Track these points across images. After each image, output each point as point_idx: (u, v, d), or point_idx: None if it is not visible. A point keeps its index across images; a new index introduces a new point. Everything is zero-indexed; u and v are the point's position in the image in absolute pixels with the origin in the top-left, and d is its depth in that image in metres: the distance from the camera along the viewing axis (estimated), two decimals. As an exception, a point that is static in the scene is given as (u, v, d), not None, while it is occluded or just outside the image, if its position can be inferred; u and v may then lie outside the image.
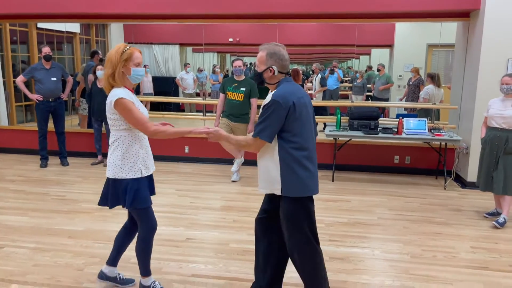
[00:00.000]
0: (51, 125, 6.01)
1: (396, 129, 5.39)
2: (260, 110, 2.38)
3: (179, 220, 4.07)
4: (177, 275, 3.02)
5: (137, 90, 7.43)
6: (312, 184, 2.41)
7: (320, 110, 8.12)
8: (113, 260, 2.81)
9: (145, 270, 2.71)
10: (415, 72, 8.13)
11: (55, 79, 5.83)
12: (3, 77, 7.27)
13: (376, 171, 5.98)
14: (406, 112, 7.01)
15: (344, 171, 5.96)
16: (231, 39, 11.27)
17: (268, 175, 2.39)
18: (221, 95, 5.41)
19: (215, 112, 5.62)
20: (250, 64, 11.67)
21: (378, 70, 9.21)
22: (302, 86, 7.04)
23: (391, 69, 10.05)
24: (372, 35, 9.81)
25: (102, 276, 2.84)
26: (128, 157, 2.51)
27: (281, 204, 2.40)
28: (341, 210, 4.45)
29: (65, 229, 3.79)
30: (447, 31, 6.43)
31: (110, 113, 2.49)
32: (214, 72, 11.06)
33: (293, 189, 2.34)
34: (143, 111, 2.54)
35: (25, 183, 5.21)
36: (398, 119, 5.48)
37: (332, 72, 10.64)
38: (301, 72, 7.52)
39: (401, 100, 9.10)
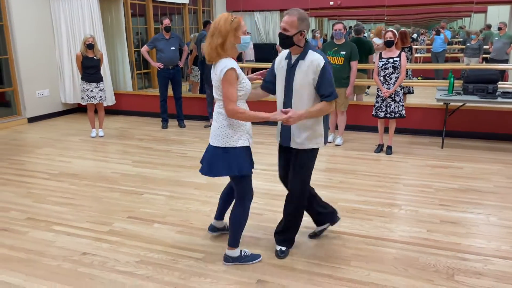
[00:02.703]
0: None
1: (518, 94, 4.99)
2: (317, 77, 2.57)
3: (288, 179, 4.35)
4: (292, 226, 3.31)
5: (239, 57, 7.79)
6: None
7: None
8: (219, 215, 3.08)
9: (234, 242, 2.73)
10: (543, 30, 7.24)
11: (173, 48, 6.40)
12: (127, 47, 8.13)
13: (493, 138, 5.62)
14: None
15: (455, 138, 5.71)
16: (331, 3, 11.05)
17: (313, 131, 2.69)
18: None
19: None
20: (350, 27, 11.35)
21: (499, 28, 8.31)
22: (410, 48, 6.75)
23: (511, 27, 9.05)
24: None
25: (213, 229, 3.15)
26: (236, 126, 2.53)
27: (303, 155, 2.72)
28: (452, 176, 4.34)
29: (191, 181, 4.31)
30: None
31: (219, 83, 2.46)
32: (313, 37, 11.00)
33: (320, 140, 2.74)
34: (247, 83, 2.54)
35: (152, 141, 5.93)
36: (521, 83, 5.05)
37: (438, 33, 9.87)
38: (408, 34, 7.19)
39: (523, 62, 8.23)
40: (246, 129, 2.59)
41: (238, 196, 2.68)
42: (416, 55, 11.34)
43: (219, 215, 3.11)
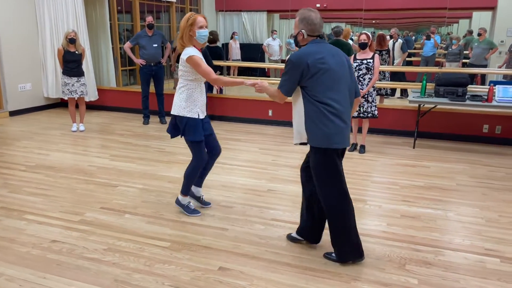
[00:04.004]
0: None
1: (486, 97, 5.18)
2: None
3: (261, 174, 4.48)
4: (258, 218, 3.44)
5: (220, 57, 7.88)
6: (337, 138, 2.54)
7: (398, 76, 7.90)
8: (198, 182, 3.59)
9: (185, 190, 3.42)
10: (519, 37, 7.47)
11: (156, 45, 6.48)
12: (112, 43, 8.18)
13: (462, 140, 5.82)
14: (505, 80, 6.58)
15: (426, 139, 5.89)
16: (318, 5, 11.21)
17: (297, 127, 2.66)
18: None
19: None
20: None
21: (479, 34, 8.53)
22: (388, 52, 6.93)
23: (492, 33, 9.30)
24: (473, -3, 9.15)
25: (191, 194, 3.62)
26: (190, 100, 3.16)
27: (310, 155, 2.66)
28: (419, 174, 4.51)
29: (165, 175, 4.41)
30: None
31: (182, 66, 3.13)
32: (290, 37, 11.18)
33: (316, 140, 2.56)
34: None
35: (131, 136, 6.01)
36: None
37: (428, 37, 10.10)
38: (387, 37, 7.37)
39: (500, 67, 8.46)
40: (198, 105, 3.20)
41: (192, 156, 3.31)
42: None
43: (197, 183, 3.59)
